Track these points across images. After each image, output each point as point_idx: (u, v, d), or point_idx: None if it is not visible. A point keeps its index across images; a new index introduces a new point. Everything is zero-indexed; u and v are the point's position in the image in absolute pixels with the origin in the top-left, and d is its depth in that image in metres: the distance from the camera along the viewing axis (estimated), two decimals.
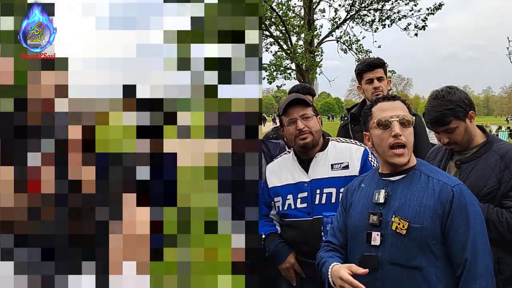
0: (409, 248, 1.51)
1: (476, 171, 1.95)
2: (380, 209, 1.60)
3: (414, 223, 1.51)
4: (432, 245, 1.50)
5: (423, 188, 1.56)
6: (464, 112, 1.96)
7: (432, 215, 1.50)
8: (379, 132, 1.61)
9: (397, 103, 1.65)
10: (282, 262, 2.11)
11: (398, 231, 1.53)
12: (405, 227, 1.51)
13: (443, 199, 1.51)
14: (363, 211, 1.64)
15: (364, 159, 2.08)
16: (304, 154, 2.12)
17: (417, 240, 1.50)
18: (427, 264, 1.50)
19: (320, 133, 2.13)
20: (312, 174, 2.08)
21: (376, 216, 1.59)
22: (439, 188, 1.53)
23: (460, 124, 1.96)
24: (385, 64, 3.00)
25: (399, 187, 1.60)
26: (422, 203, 1.53)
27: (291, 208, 2.09)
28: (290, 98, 2.12)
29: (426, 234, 1.50)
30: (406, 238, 1.51)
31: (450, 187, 1.52)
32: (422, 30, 13.83)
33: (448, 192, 1.51)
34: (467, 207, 1.50)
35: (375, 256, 1.56)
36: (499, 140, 2.06)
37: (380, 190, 1.62)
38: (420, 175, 1.60)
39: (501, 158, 1.92)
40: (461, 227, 1.48)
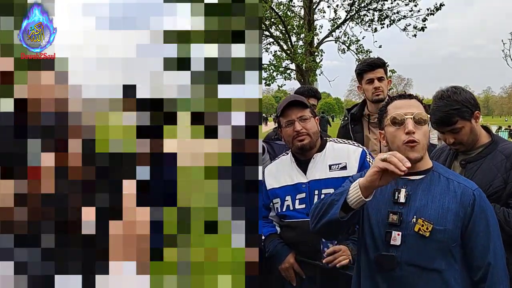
0: (430, 250, 1.50)
1: (481, 170, 1.95)
2: (400, 208, 1.57)
3: (438, 225, 1.50)
4: (453, 248, 1.50)
5: (444, 190, 1.55)
6: (469, 112, 1.96)
7: (454, 217, 1.50)
8: (393, 129, 1.59)
9: (413, 101, 1.63)
10: (282, 262, 2.11)
11: (421, 233, 1.51)
12: (429, 229, 1.50)
13: (465, 202, 1.51)
14: (380, 208, 1.61)
15: (362, 159, 2.08)
16: (302, 156, 2.12)
17: (439, 243, 1.50)
18: (447, 267, 1.50)
19: (317, 134, 2.13)
20: (310, 175, 2.08)
21: (397, 216, 1.56)
22: (461, 191, 1.53)
23: (466, 124, 1.95)
24: (385, 64, 3.00)
25: (419, 187, 1.58)
26: (445, 206, 1.52)
27: (289, 209, 2.09)
28: (288, 99, 2.13)
29: (448, 236, 1.49)
30: (429, 240, 1.50)
31: (471, 191, 1.53)
32: (421, 31, 13.85)
33: (469, 196, 1.52)
34: (487, 211, 1.52)
35: (394, 256, 1.54)
36: (504, 140, 2.06)
37: (400, 189, 1.59)
38: (439, 177, 1.59)
39: (506, 158, 1.93)
40: (482, 230, 1.49)
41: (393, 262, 1.54)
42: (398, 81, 73.87)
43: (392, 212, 1.57)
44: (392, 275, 1.55)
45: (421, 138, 1.55)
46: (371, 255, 1.61)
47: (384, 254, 1.56)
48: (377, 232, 1.60)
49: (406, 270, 1.53)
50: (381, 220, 1.59)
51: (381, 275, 1.58)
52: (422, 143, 1.56)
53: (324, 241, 2.02)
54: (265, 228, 2.20)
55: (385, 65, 2.98)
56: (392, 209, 1.58)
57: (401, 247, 1.54)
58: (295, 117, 2.07)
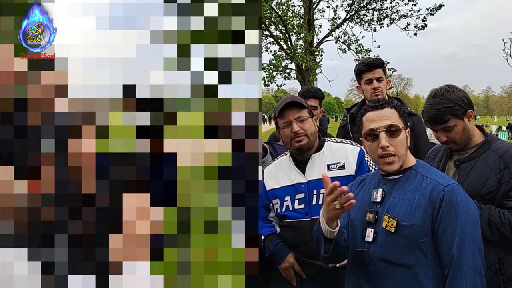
0: (398, 245, 1.53)
1: (475, 171, 1.94)
2: (377, 207, 1.63)
3: (403, 221, 1.53)
4: (422, 244, 1.51)
5: (416, 187, 1.57)
6: (462, 111, 1.95)
7: (423, 213, 1.51)
8: (368, 143, 1.64)
9: (385, 111, 1.64)
10: (282, 261, 2.11)
11: (387, 229, 1.56)
12: (394, 225, 1.54)
13: (433, 198, 1.52)
14: (361, 207, 1.66)
15: (360, 159, 2.09)
16: (300, 156, 2.13)
17: (406, 238, 1.52)
18: (416, 262, 1.51)
19: (315, 134, 2.13)
20: (309, 175, 2.08)
21: (372, 214, 1.62)
22: (431, 187, 1.54)
23: (459, 123, 1.95)
24: (384, 64, 2.99)
25: (395, 186, 1.62)
26: (414, 202, 1.54)
27: (289, 210, 2.09)
28: (285, 100, 2.13)
29: (415, 232, 1.51)
30: (395, 236, 1.54)
31: (442, 186, 1.53)
32: (421, 30, 13.85)
33: (439, 191, 1.52)
34: (457, 207, 1.49)
35: (366, 252, 1.60)
36: (498, 140, 2.05)
37: (378, 189, 1.65)
38: (416, 175, 1.61)
39: (500, 157, 1.91)
40: (450, 226, 1.48)
41: (365, 257, 1.59)
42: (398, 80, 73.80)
43: (368, 211, 1.64)
44: (367, 270, 1.60)
45: (396, 148, 1.59)
46: (351, 251, 1.69)
47: (358, 250, 1.63)
48: (357, 230, 1.67)
49: (378, 265, 1.57)
50: (360, 219, 1.66)
51: (360, 271, 1.64)
52: (399, 154, 1.60)
53: None
54: (264, 228, 2.20)
55: (384, 65, 2.97)
56: (370, 208, 1.64)
57: (373, 243, 1.59)
58: (292, 118, 2.07)
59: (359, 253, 1.62)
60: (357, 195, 1.69)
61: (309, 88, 3.36)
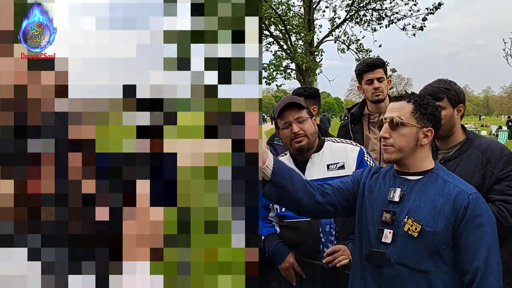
0: (419, 251, 1.51)
1: (460, 168, 1.99)
2: (394, 207, 1.59)
3: (427, 227, 1.50)
4: (443, 250, 1.49)
5: (439, 192, 1.54)
6: (456, 100, 2.06)
7: (446, 220, 1.49)
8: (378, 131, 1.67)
9: (399, 104, 1.64)
10: (282, 261, 2.11)
11: (410, 233, 1.52)
12: (418, 230, 1.50)
13: (457, 205, 1.49)
14: (376, 206, 1.64)
15: (360, 158, 2.09)
16: (300, 156, 2.13)
17: (428, 244, 1.50)
18: (435, 269, 1.49)
19: (315, 135, 2.13)
20: (309, 175, 2.08)
21: (389, 214, 1.58)
22: (455, 193, 1.52)
23: (449, 108, 2.04)
24: (385, 64, 2.99)
25: (415, 188, 1.59)
26: (437, 207, 1.51)
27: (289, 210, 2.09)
28: (284, 101, 2.13)
29: (438, 238, 1.49)
30: (417, 241, 1.51)
31: (466, 194, 1.51)
32: (420, 31, 13.86)
33: (464, 199, 1.50)
34: (482, 217, 1.48)
35: (384, 253, 1.56)
36: (479, 137, 2.14)
37: (396, 188, 1.61)
38: (437, 178, 1.59)
39: (482, 153, 1.99)
40: (473, 235, 1.47)
41: (382, 258, 1.56)
42: (398, 80, 73.83)
43: (385, 211, 1.60)
44: (381, 272, 1.57)
45: (396, 141, 1.59)
46: (363, 251, 1.64)
47: (375, 251, 1.59)
48: (371, 229, 1.63)
49: (394, 268, 1.54)
50: (376, 218, 1.62)
51: (371, 272, 1.60)
52: (398, 146, 1.59)
53: (323, 241, 2.02)
54: (264, 228, 2.20)
55: (384, 65, 2.97)
56: (387, 208, 1.60)
57: (391, 245, 1.56)
58: (292, 119, 2.07)
59: (375, 253, 1.58)
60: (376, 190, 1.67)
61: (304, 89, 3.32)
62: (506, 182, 1.93)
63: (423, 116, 1.61)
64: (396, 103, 1.65)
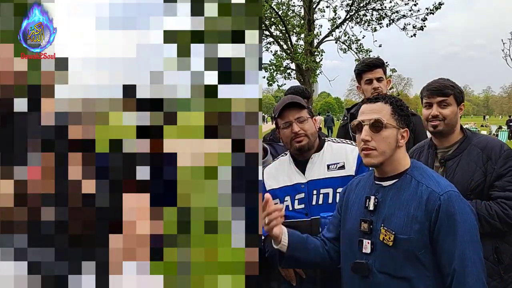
0: (397, 258, 1.49)
1: (461, 167, 2.01)
2: (371, 216, 1.58)
3: (401, 234, 1.48)
4: (421, 255, 1.47)
5: (411, 196, 1.51)
6: (459, 99, 2.10)
7: (420, 225, 1.47)
8: (356, 135, 1.62)
9: (377, 105, 1.60)
10: None
11: (385, 242, 1.51)
12: (391, 239, 1.49)
13: (430, 208, 1.46)
14: (356, 217, 1.63)
15: (360, 159, 2.08)
16: (300, 156, 2.13)
17: (404, 251, 1.48)
18: (416, 274, 1.47)
19: (315, 135, 2.13)
20: (309, 175, 2.08)
21: (367, 224, 1.57)
22: (427, 196, 1.48)
23: (454, 105, 2.08)
24: (384, 64, 2.99)
25: (389, 194, 1.57)
26: (410, 213, 1.49)
27: (289, 210, 2.09)
28: (285, 100, 2.12)
29: (413, 245, 1.47)
30: (393, 249, 1.49)
31: (438, 195, 1.47)
32: (420, 31, 13.86)
33: (435, 201, 1.46)
34: (455, 216, 1.45)
35: (366, 264, 1.56)
36: (477, 134, 2.16)
37: (370, 197, 1.60)
38: (411, 180, 1.55)
39: (482, 150, 2.00)
40: (449, 237, 1.44)
41: (365, 269, 1.56)
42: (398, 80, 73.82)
43: (363, 220, 1.59)
44: (367, 282, 1.56)
45: (378, 144, 1.54)
46: (348, 262, 1.64)
47: (358, 262, 1.59)
48: (353, 239, 1.62)
49: (378, 277, 1.53)
50: (355, 228, 1.62)
51: (358, 283, 1.60)
52: (380, 150, 1.55)
53: None
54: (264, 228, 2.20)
55: (384, 65, 2.97)
56: (364, 217, 1.60)
57: (372, 255, 1.55)
58: (292, 119, 2.07)
59: (358, 265, 1.58)
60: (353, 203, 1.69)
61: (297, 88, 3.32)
62: (507, 178, 1.94)
63: (400, 118, 1.60)
64: (373, 105, 1.61)
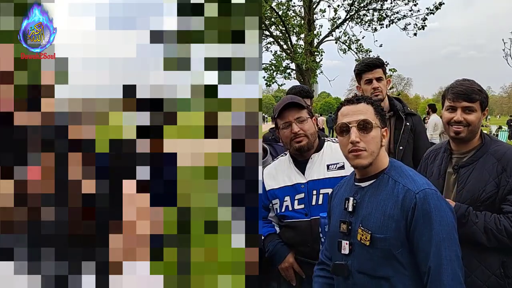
0: (375, 258, 1.49)
1: (474, 175, 1.90)
2: (350, 217, 1.59)
3: (378, 234, 1.48)
4: (398, 254, 1.47)
5: (388, 196, 1.51)
6: (485, 104, 1.96)
7: (396, 224, 1.47)
8: (340, 138, 1.60)
9: (361, 106, 1.59)
10: (281, 262, 2.11)
11: (362, 242, 1.52)
12: (368, 238, 1.50)
13: (405, 207, 1.46)
14: (337, 219, 1.64)
15: None
16: (300, 156, 2.13)
17: (381, 250, 1.48)
18: (394, 274, 1.47)
19: (315, 135, 2.13)
20: (309, 175, 2.08)
21: (346, 225, 1.58)
22: (403, 195, 1.48)
23: (479, 111, 1.94)
24: (384, 64, 2.99)
25: (367, 194, 1.57)
26: (386, 213, 1.49)
27: (288, 210, 2.09)
28: (285, 101, 2.12)
29: (390, 244, 1.47)
30: (371, 249, 1.50)
31: (413, 194, 1.46)
32: (421, 30, 13.86)
33: (411, 199, 1.46)
34: (431, 214, 1.43)
35: (345, 265, 1.57)
36: (496, 142, 2.01)
37: (349, 198, 1.61)
38: (388, 180, 1.55)
39: (498, 160, 1.88)
40: (425, 235, 1.43)
41: (344, 270, 1.57)
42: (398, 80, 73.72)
43: (342, 222, 1.60)
44: (348, 282, 1.58)
45: (368, 145, 1.54)
46: (330, 263, 1.66)
47: (337, 263, 1.60)
48: (334, 241, 1.63)
49: (358, 277, 1.54)
50: (336, 230, 1.63)
51: (341, 283, 1.61)
52: (370, 150, 1.54)
53: (323, 241, 2.02)
54: (264, 228, 2.20)
55: (383, 65, 2.97)
56: (343, 219, 1.60)
57: (350, 256, 1.56)
58: (292, 119, 2.07)
59: (338, 266, 1.59)
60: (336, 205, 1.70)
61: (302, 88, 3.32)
62: None
63: (381, 117, 1.61)
64: (357, 105, 1.60)
